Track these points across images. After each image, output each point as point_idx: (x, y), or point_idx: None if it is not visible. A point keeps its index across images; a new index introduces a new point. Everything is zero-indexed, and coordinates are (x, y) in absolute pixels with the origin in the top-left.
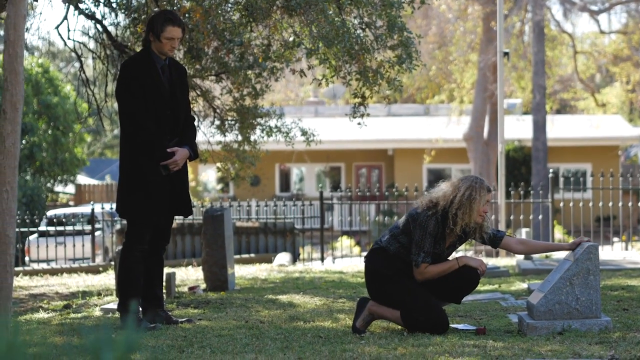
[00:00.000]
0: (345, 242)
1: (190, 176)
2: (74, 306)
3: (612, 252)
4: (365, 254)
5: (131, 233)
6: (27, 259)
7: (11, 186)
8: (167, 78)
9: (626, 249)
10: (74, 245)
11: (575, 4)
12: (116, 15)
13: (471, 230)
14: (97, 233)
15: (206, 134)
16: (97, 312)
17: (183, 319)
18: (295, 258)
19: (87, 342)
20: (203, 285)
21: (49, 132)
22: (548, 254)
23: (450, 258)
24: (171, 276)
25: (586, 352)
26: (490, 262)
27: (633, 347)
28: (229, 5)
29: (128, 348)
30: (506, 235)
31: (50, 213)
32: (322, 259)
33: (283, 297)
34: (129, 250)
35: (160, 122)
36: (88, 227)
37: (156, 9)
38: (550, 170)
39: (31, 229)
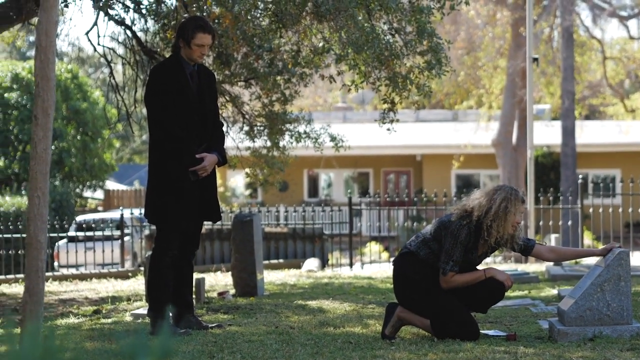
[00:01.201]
0: (373, 248)
1: (219, 182)
2: (103, 311)
3: None
4: (393, 259)
5: (161, 238)
6: (56, 264)
7: (42, 192)
8: (195, 84)
9: None
10: (103, 251)
11: (604, 10)
12: (146, 21)
13: (503, 242)
14: (126, 238)
15: (235, 140)
16: (127, 318)
17: (213, 325)
18: (324, 264)
19: (123, 348)
20: (232, 291)
21: (78, 137)
22: (578, 259)
23: (479, 267)
24: (200, 282)
25: (617, 358)
26: (520, 268)
27: None
28: (259, 11)
29: (164, 353)
30: (537, 244)
31: (79, 218)
32: (351, 265)
33: (312, 303)
34: (159, 255)
35: (189, 128)
36: (117, 233)
37: (186, 15)
38: (580, 176)
39: (60, 235)
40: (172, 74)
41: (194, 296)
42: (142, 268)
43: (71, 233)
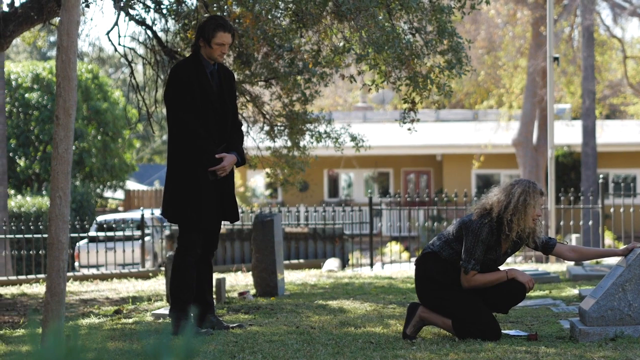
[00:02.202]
0: (394, 248)
1: (239, 182)
2: (124, 311)
3: None
4: (415, 259)
5: (184, 238)
6: (76, 264)
7: (64, 192)
8: (215, 83)
9: None
10: (123, 251)
11: (625, 9)
12: (166, 21)
13: (525, 236)
14: (146, 238)
15: (255, 140)
16: (148, 318)
17: (234, 325)
18: (344, 264)
19: (146, 347)
20: (253, 291)
21: (99, 137)
22: (599, 259)
23: (501, 267)
24: (221, 282)
25: (639, 358)
26: (541, 267)
27: None
28: (279, 10)
29: (187, 354)
30: (558, 243)
31: (100, 218)
32: (371, 265)
33: (333, 303)
34: (181, 255)
35: (209, 127)
36: (137, 233)
37: (207, 15)
38: (600, 176)
39: (81, 235)
40: (192, 72)
41: (214, 296)
42: (162, 268)
43: (92, 233)
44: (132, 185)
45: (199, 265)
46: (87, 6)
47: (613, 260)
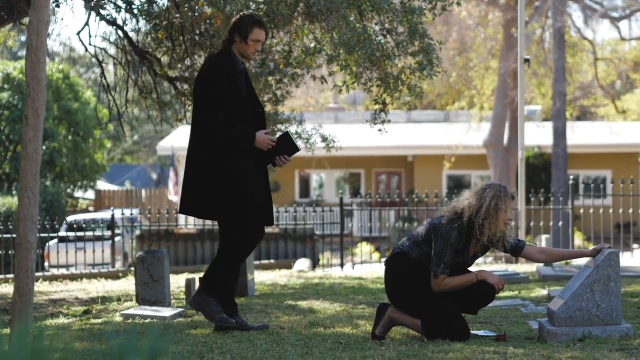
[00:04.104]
0: (364, 248)
1: None
2: (93, 311)
3: (632, 259)
4: (385, 259)
5: (243, 232)
6: (46, 264)
7: (32, 192)
8: (244, 81)
9: None
10: (93, 251)
11: (596, 11)
12: (137, 21)
13: (496, 240)
14: (116, 238)
15: None
16: (117, 318)
17: (258, 325)
18: (314, 264)
19: (112, 348)
20: None
21: (69, 137)
22: (568, 260)
23: (471, 268)
24: (191, 282)
25: (607, 358)
26: (510, 268)
27: None
28: (250, 11)
29: (153, 354)
30: (527, 245)
31: (70, 218)
32: (342, 265)
33: (303, 303)
34: (238, 250)
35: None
36: (108, 233)
37: (178, 15)
38: (570, 177)
39: (51, 235)
40: (226, 70)
41: (184, 296)
42: (132, 268)
43: (62, 233)
44: (102, 185)
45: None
46: (57, 6)
47: (582, 261)
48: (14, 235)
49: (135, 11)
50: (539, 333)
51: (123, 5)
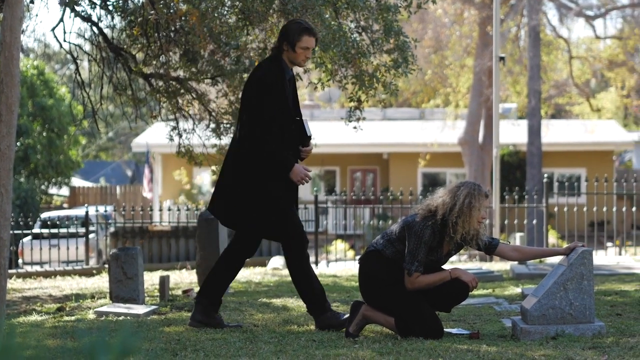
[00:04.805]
0: (339, 246)
1: (185, 179)
2: (67, 309)
3: (605, 257)
4: (359, 257)
5: (296, 241)
6: (20, 261)
7: (6, 188)
8: (290, 91)
9: (620, 254)
10: (67, 248)
11: (571, 9)
12: (112, 18)
13: (469, 238)
14: (91, 236)
15: (201, 137)
16: (90, 315)
17: (232, 324)
18: None
19: (82, 345)
20: (197, 289)
21: (44, 134)
22: (542, 258)
23: (445, 266)
24: (165, 279)
25: (579, 357)
26: (485, 266)
27: (626, 352)
28: (226, 8)
29: (124, 351)
30: (500, 243)
31: (44, 215)
32: (316, 263)
33: (277, 301)
34: (301, 254)
35: (285, 138)
36: (82, 230)
37: (153, 12)
38: (545, 175)
39: (25, 232)
40: (277, 81)
41: (158, 294)
42: (106, 265)
43: (36, 230)
44: (77, 182)
45: (238, 265)
46: (32, 2)
47: (556, 260)
48: None
49: (111, 8)
50: (512, 331)
51: (98, 2)
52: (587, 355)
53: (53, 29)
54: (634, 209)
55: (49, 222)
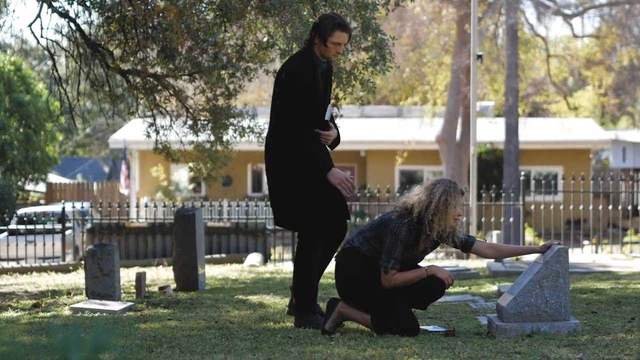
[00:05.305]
0: None
1: (162, 176)
2: (43, 305)
3: (582, 255)
4: (335, 254)
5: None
6: None
7: None
8: (322, 85)
9: (596, 252)
10: (44, 244)
11: (549, 8)
12: (90, 14)
13: (445, 235)
14: (67, 232)
15: (178, 134)
16: (66, 312)
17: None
18: (266, 258)
19: (56, 342)
20: (173, 285)
21: (21, 130)
22: (518, 256)
23: (421, 263)
24: (141, 276)
25: (554, 354)
26: (461, 264)
27: (601, 350)
28: (203, 5)
29: (96, 348)
30: (477, 240)
31: (21, 211)
32: (293, 260)
33: (253, 298)
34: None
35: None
36: (58, 226)
37: (130, 8)
38: (522, 173)
39: (1, 228)
40: (308, 74)
41: (134, 290)
42: (83, 262)
43: (12, 226)
44: (54, 178)
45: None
46: None
47: (533, 257)
48: None
49: (88, 4)
50: (488, 329)
51: None
52: (562, 353)
53: (30, 25)
54: (610, 207)
55: (25, 219)
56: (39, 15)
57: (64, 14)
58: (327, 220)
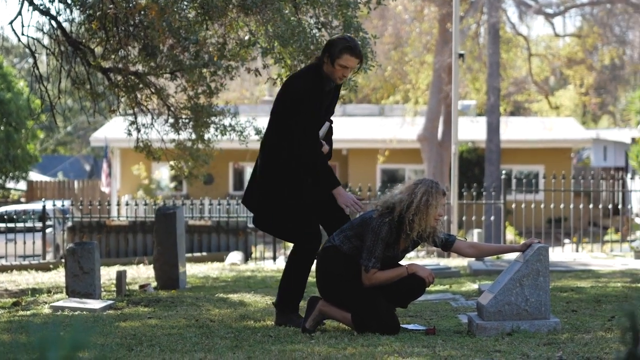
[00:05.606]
0: None
1: (144, 174)
2: (23, 303)
3: (562, 254)
4: (317, 252)
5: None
6: None
7: None
8: (327, 102)
9: (577, 250)
10: (24, 242)
11: (530, 7)
12: (71, 12)
13: (426, 235)
14: (48, 230)
15: (160, 132)
16: (46, 310)
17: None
18: (247, 257)
19: (34, 340)
20: (154, 284)
21: (1, 128)
22: (499, 255)
23: (402, 262)
24: (122, 274)
25: (534, 352)
26: (442, 262)
27: (581, 348)
28: (185, 3)
29: (74, 346)
30: (457, 239)
31: (1, 209)
32: (274, 258)
33: (234, 296)
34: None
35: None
36: (39, 224)
37: (112, 6)
38: (503, 172)
39: None
40: (313, 91)
41: (114, 288)
42: (63, 260)
43: None
44: (35, 176)
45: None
46: None
47: (514, 256)
48: None
49: (69, 1)
50: (469, 327)
51: None
52: (542, 351)
53: (11, 23)
54: (591, 206)
55: (6, 217)
56: (20, 13)
57: (45, 12)
58: (302, 233)
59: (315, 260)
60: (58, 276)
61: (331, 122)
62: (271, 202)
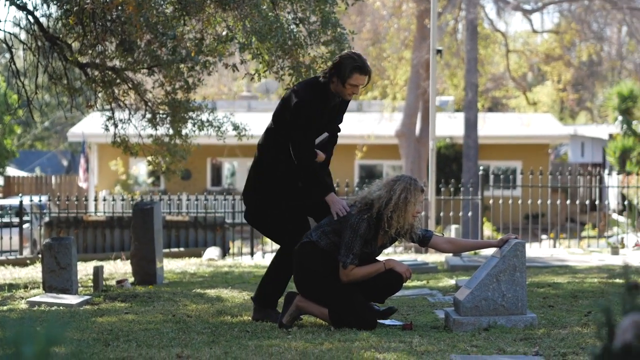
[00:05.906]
0: None
1: (121, 169)
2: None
3: (540, 250)
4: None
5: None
6: None
7: None
8: (330, 116)
9: (554, 246)
10: (1, 238)
11: (508, 3)
12: (48, 7)
13: (404, 232)
14: (25, 225)
15: (137, 127)
16: (22, 305)
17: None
18: (225, 252)
19: (9, 335)
20: (131, 279)
21: None
22: (476, 250)
23: (379, 257)
24: (99, 269)
25: (511, 348)
26: (420, 258)
27: (557, 344)
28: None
29: (49, 341)
30: (435, 235)
31: None
32: (252, 254)
33: (211, 292)
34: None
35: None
36: (16, 220)
37: (88, 2)
38: (481, 168)
39: None
40: (318, 108)
41: (91, 284)
42: (40, 255)
43: None
44: (12, 171)
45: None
46: None
47: (491, 252)
48: None
49: None
50: (445, 322)
51: None
52: (519, 347)
53: None
54: (568, 202)
55: None
56: None
57: (22, 7)
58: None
59: (293, 256)
60: (35, 271)
61: (339, 130)
62: (268, 204)
